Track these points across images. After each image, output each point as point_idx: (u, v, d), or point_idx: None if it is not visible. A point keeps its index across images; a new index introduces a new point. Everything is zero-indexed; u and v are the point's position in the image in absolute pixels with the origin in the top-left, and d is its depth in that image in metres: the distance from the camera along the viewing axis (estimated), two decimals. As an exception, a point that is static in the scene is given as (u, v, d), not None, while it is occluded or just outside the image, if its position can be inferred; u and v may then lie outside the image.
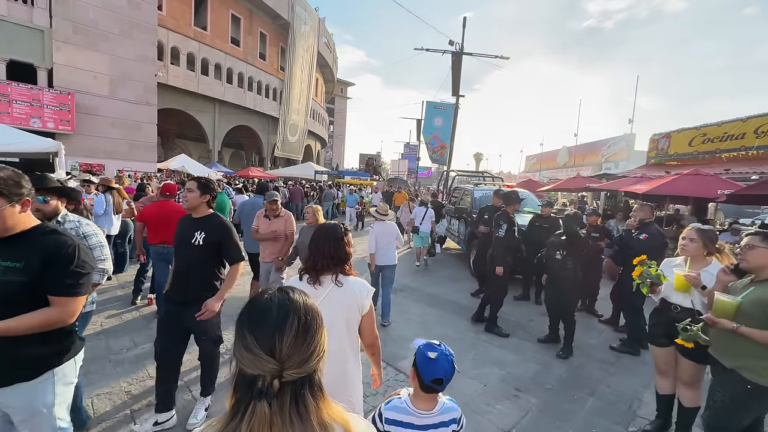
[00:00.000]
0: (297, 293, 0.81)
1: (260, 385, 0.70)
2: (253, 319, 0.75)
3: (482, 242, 5.93)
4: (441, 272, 7.76)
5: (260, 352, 0.70)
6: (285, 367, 0.71)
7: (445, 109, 15.85)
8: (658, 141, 14.98)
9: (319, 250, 1.79)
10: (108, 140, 14.28)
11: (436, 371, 1.32)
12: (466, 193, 8.88)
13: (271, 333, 0.72)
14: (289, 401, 0.71)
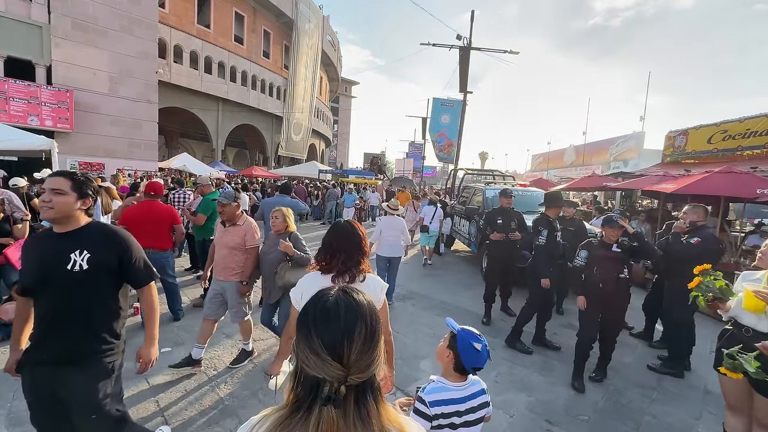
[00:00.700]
0: (362, 295, 0.81)
1: (327, 390, 0.70)
2: (321, 321, 0.74)
3: (496, 248, 5.21)
4: (450, 277, 7.25)
5: (328, 357, 0.70)
6: (350, 372, 0.71)
7: (452, 105, 15.32)
8: (675, 138, 14.33)
9: (342, 249, 1.78)
10: (108, 138, 13.92)
11: (478, 361, 1.47)
12: (476, 193, 8.36)
13: (340, 339, 0.72)
14: (352, 406, 0.72)
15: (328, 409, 0.70)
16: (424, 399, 1.46)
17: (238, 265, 3.35)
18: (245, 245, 3.34)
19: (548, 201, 4.33)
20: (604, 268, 3.39)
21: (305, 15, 28.25)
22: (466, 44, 14.21)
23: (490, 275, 5.25)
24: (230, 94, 24.30)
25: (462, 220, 8.62)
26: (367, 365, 0.73)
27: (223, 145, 25.24)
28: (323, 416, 0.69)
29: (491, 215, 5.31)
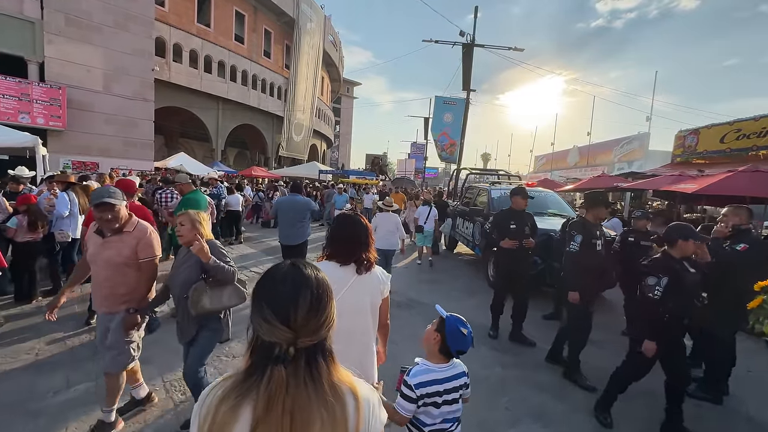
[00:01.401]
0: (309, 267, 0.86)
1: (277, 351, 0.76)
2: (269, 292, 0.80)
3: (508, 257, 4.48)
4: (452, 283, 6.77)
5: (276, 321, 0.76)
6: (299, 335, 0.77)
7: (455, 104, 14.85)
8: (685, 138, 13.81)
9: (341, 237, 1.81)
10: (102, 137, 13.52)
11: (464, 345, 1.60)
12: (481, 193, 7.88)
13: (286, 304, 0.77)
14: (303, 366, 0.77)
15: (278, 369, 0.75)
16: (410, 383, 1.55)
17: (129, 289, 2.43)
18: (137, 258, 2.41)
19: (589, 202, 3.65)
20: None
21: (307, 14, 27.86)
22: (470, 41, 13.73)
23: (500, 287, 4.65)
24: (230, 94, 23.91)
25: (465, 222, 8.14)
26: (314, 329, 0.79)
27: (223, 146, 24.85)
28: (274, 375, 0.75)
29: (502, 218, 4.50)
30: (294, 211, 5.06)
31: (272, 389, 0.74)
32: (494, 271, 6.26)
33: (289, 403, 0.74)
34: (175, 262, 2.53)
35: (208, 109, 23.35)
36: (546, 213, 6.78)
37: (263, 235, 10.36)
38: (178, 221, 2.41)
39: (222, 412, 0.75)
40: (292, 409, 0.74)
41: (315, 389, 0.76)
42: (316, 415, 0.76)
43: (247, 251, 8.30)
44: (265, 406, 0.74)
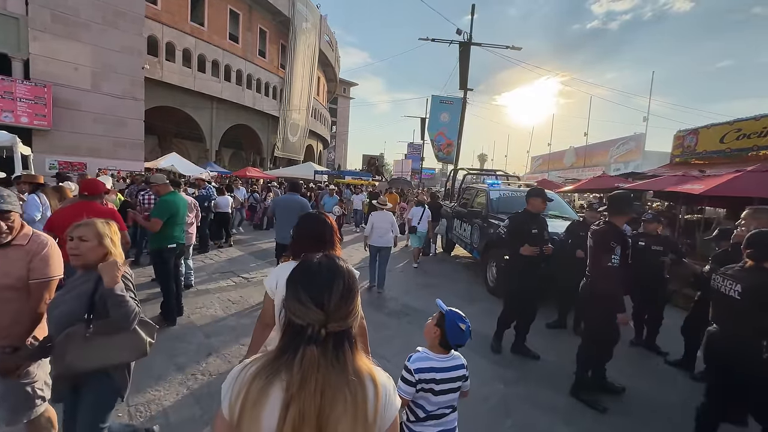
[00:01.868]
0: (340, 260, 0.95)
1: (310, 332, 0.82)
2: (306, 278, 0.88)
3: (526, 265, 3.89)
4: (450, 288, 6.45)
5: (311, 304, 0.83)
6: (330, 319, 0.83)
7: (452, 103, 14.55)
8: (684, 138, 13.58)
9: (305, 235, 1.77)
10: (90, 137, 13.12)
11: (462, 339, 1.66)
12: (479, 194, 7.57)
13: (321, 291, 0.85)
14: (331, 349, 0.83)
15: (311, 348, 0.81)
16: (410, 368, 1.63)
17: (9, 320, 1.77)
18: (27, 278, 1.79)
19: (615, 206, 3.11)
20: None
21: (302, 14, 27.50)
22: (467, 39, 13.45)
23: (515, 300, 4.02)
24: (224, 94, 23.51)
25: (463, 224, 7.83)
26: (344, 315, 0.85)
27: (217, 146, 24.44)
28: (306, 354, 0.81)
29: (520, 222, 3.94)
30: (291, 210, 5.00)
31: (306, 367, 0.79)
32: (497, 278, 5.96)
33: (321, 381, 0.79)
34: (63, 287, 1.85)
35: (202, 109, 22.95)
36: (546, 215, 6.48)
37: (255, 238, 10.01)
38: (75, 234, 1.74)
39: (255, 390, 0.80)
40: (323, 387, 0.79)
41: (341, 371, 0.82)
42: (341, 395, 0.80)
43: (236, 254, 7.95)
44: (300, 383, 0.78)
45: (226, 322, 4.41)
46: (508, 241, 3.93)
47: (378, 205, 6.08)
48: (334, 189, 11.17)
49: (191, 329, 4.16)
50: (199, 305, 4.91)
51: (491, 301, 5.69)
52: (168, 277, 4.07)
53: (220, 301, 5.09)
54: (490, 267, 6.21)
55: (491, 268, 6.17)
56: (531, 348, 4.04)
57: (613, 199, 3.18)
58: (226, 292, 5.56)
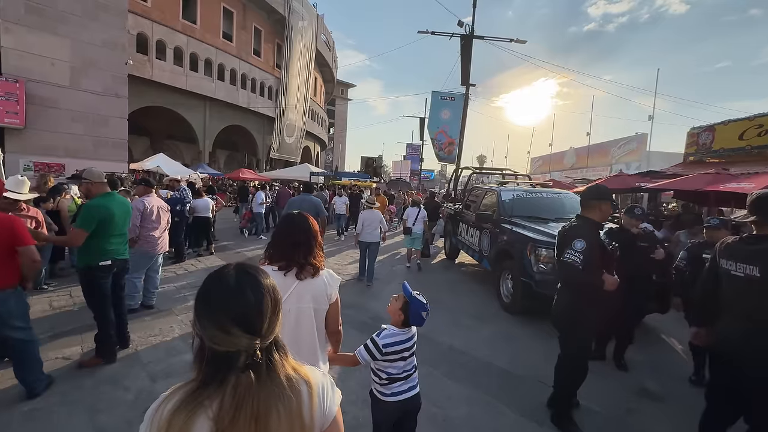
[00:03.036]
0: (260, 272, 0.84)
1: (243, 359, 0.74)
2: (225, 300, 0.77)
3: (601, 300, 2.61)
4: (456, 303, 5.51)
5: (239, 332, 0.73)
6: (265, 339, 0.77)
7: (453, 99, 13.65)
8: (698, 135, 12.70)
9: (292, 242, 1.67)
10: (69, 136, 12.14)
11: (420, 323, 1.89)
12: (488, 195, 6.66)
13: (253, 313, 0.77)
14: (264, 369, 0.77)
15: (246, 375, 0.74)
16: (379, 344, 1.81)
17: None
18: None
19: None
20: None
21: (298, 12, 26.64)
22: (469, 32, 12.57)
23: (582, 347, 2.76)
24: (218, 93, 22.61)
25: (470, 229, 6.91)
26: (273, 330, 0.80)
27: (210, 147, 23.50)
28: (241, 382, 0.73)
29: (593, 237, 2.55)
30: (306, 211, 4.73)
31: (240, 396, 0.72)
32: (513, 293, 5.01)
33: (255, 406, 0.73)
34: None
35: (195, 109, 22.02)
36: (569, 218, 5.57)
37: (238, 244, 9.07)
38: None
39: (176, 426, 0.71)
40: (258, 411, 0.73)
41: (273, 384, 0.76)
42: (275, 412, 0.75)
43: (216, 263, 7.02)
44: (233, 414, 0.71)
45: (182, 357, 3.47)
46: (580, 272, 2.45)
47: (367, 204, 6.46)
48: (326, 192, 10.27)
49: (134, 369, 3.22)
50: (155, 332, 3.97)
51: (508, 321, 4.77)
52: (102, 303, 3.14)
53: (182, 326, 4.16)
54: (504, 280, 5.29)
55: (505, 281, 5.25)
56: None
57: None
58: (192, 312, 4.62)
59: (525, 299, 4.75)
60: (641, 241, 3.70)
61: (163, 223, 4.64)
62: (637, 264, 3.49)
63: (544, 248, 4.50)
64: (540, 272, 4.50)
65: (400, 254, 8.86)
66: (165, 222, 4.72)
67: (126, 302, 4.31)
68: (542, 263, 4.51)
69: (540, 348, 3.97)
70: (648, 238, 3.82)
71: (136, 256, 4.39)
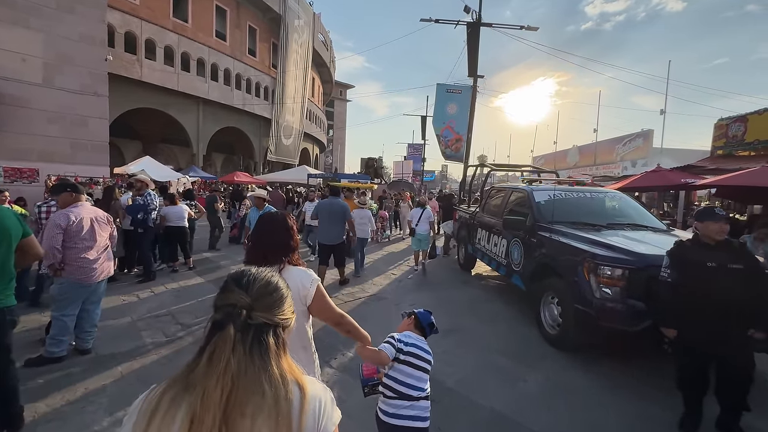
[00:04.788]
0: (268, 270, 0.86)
1: (230, 311, 0.73)
2: (234, 273, 0.83)
3: None
4: (485, 331, 4.30)
5: (234, 286, 0.78)
6: (254, 306, 0.75)
7: (460, 92, 12.47)
8: (728, 127, 11.52)
9: (268, 240, 1.64)
10: (43, 139, 10.97)
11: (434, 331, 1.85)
12: (515, 196, 5.47)
13: (245, 279, 0.79)
14: (251, 338, 0.72)
15: (228, 327, 0.71)
16: (396, 337, 1.72)
17: None
18: None
19: None
20: None
21: (294, 11, 25.53)
22: (476, 19, 11.39)
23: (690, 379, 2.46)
24: (212, 94, 21.48)
25: (492, 236, 5.71)
26: (269, 306, 0.77)
27: (205, 150, 22.35)
28: (224, 332, 0.71)
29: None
30: (332, 213, 5.57)
31: (217, 344, 0.70)
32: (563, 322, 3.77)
33: (234, 365, 0.68)
34: None
35: (187, 111, 20.88)
36: (624, 224, 4.38)
37: (225, 256, 7.86)
38: None
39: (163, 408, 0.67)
40: (236, 372, 0.68)
41: (262, 364, 0.71)
42: (260, 388, 0.69)
43: (191, 282, 5.82)
44: (207, 360, 0.69)
45: None
46: None
47: (359, 204, 6.99)
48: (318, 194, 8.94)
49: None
50: (75, 396, 2.78)
51: (559, 362, 3.56)
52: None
53: (120, 385, 2.96)
54: (546, 304, 4.09)
55: (548, 306, 4.05)
56: None
57: None
58: (144, 356, 3.43)
59: (581, 333, 3.56)
60: (728, 258, 2.47)
61: (101, 240, 3.45)
62: (725, 288, 2.35)
63: (609, 266, 3.30)
64: (604, 298, 3.31)
65: (405, 263, 7.68)
66: (106, 238, 3.54)
67: (50, 349, 3.17)
68: (607, 286, 3.32)
69: (617, 406, 2.79)
70: (737, 252, 2.56)
71: (64, 288, 3.23)
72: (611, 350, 3.67)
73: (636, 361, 3.57)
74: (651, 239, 3.77)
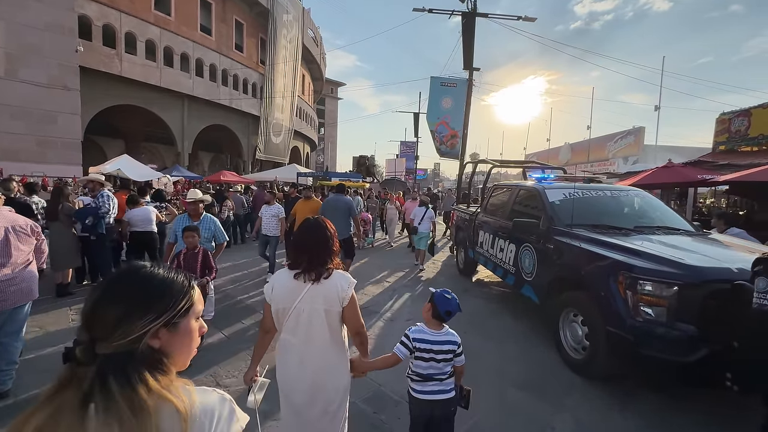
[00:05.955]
0: (142, 265, 0.72)
1: (66, 353, 0.64)
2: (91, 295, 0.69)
3: None
4: (493, 352, 3.65)
5: (82, 325, 0.65)
6: (94, 334, 0.63)
7: (455, 86, 11.82)
8: (731, 121, 11.07)
9: (312, 251, 1.68)
10: (7, 136, 10.09)
11: (449, 305, 1.84)
12: (524, 196, 4.84)
13: (87, 306, 0.65)
14: (99, 375, 0.61)
15: (66, 368, 0.63)
16: (409, 335, 1.84)
17: None
18: None
19: None
20: None
21: (282, 5, 24.62)
22: (471, 9, 10.75)
23: None
24: (197, 90, 20.52)
25: (498, 240, 5.06)
26: (112, 326, 0.63)
27: (191, 148, 21.37)
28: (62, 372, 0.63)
29: None
30: (337, 209, 5.49)
31: (60, 380, 0.62)
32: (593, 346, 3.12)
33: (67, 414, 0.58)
34: None
35: (171, 108, 19.90)
36: (654, 227, 3.76)
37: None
38: None
39: None
40: (70, 422, 0.58)
41: (108, 404, 0.59)
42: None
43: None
44: (41, 402, 0.61)
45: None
46: None
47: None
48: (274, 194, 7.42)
49: None
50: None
51: (586, 395, 2.92)
52: None
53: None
54: (567, 321, 3.45)
55: (570, 325, 3.41)
56: None
57: None
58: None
59: (615, 361, 2.93)
60: None
61: (20, 255, 2.71)
62: None
63: (653, 281, 2.67)
64: (646, 321, 2.68)
65: (400, 269, 7.03)
66: (28, 253, 2.80)
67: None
68: (649, 306, 2.68)
69: None
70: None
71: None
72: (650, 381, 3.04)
73: (689, 396, 2.93)
74: (695, 246, 3.15)
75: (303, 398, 1.63)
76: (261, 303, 4.94)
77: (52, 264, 4.87)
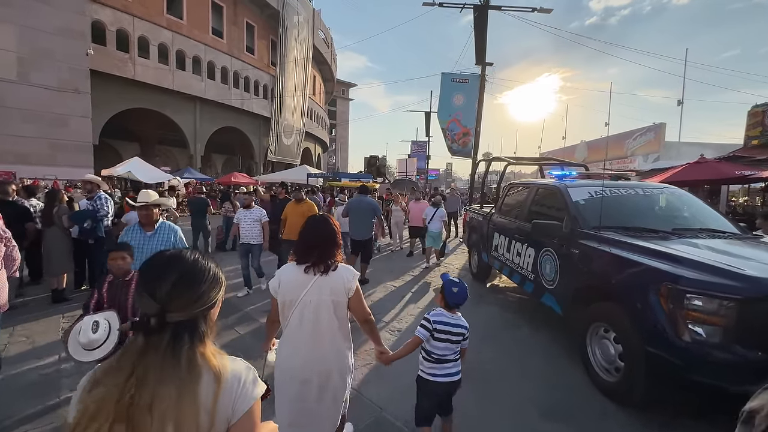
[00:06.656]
0: (192, 253, 0.84)
1: (143, 321, 0.75)
2: (143, 271, 0.80)
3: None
4: (512, 369, 3.26)
5: (144, 293, 0.76)
6: (167, 308, 0.75)
7: (467, 82, 11.37)
8: (765, 114, 10.30)
9: (321, 245, 1.78)
10: (19, 139, 10.15)
11: (457, 299, 2.08)
12: (542, 195, 4.41)
13: (153, 277, 0.77)
14: (167, 339, 0.74)
15: (138, 337, 0.74)
16: (430, 319, 2.04)
17: None
18: None
19: None
20: None
21: (293, 6, 24.55)
22: (483, 2, 10.30)
23: None
24: (209, 93, 20.58)
25: (515, 244, 4.64)
26: (184, 305, 0.76)
27: (203, 151, 21.46)
28: (134, 342, 0.74)
29: None
30: (361, 210, 5.53)
31: (127, 351, 0.73)
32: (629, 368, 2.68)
33: (141, 370, 0.71)
34: None
35: (183, 111, 20.01)
36: (696, 230, 3.30)
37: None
38: None
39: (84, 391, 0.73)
40: (145, 374, 0.71)
41: (173, 362, 0.73)
42: (167, 387, 0.71)
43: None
44: (116, 361, 0.73)
45: None
46: None
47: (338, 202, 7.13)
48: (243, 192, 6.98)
49: None
50: None
51: (622, 426, 2.50)
52: None
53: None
54: (596, 338, 3.03)
55: (600, 342, 2.98)
56: None
57: None
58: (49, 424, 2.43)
59: (657, 387, 2.50)
60: None
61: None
62: None
63: (704, 295, 2.24)
64: (696, 342, 2.25)
65: (408, 273, 6.67)
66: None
67: None
68: (700, 324, 2.25)
69: None
70: None
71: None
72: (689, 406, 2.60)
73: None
74: (751, 253, 2.69)
75: (307, 386, 1.68)
76: (259, 311, 4.65)
77: (47, 269, 4.70)
